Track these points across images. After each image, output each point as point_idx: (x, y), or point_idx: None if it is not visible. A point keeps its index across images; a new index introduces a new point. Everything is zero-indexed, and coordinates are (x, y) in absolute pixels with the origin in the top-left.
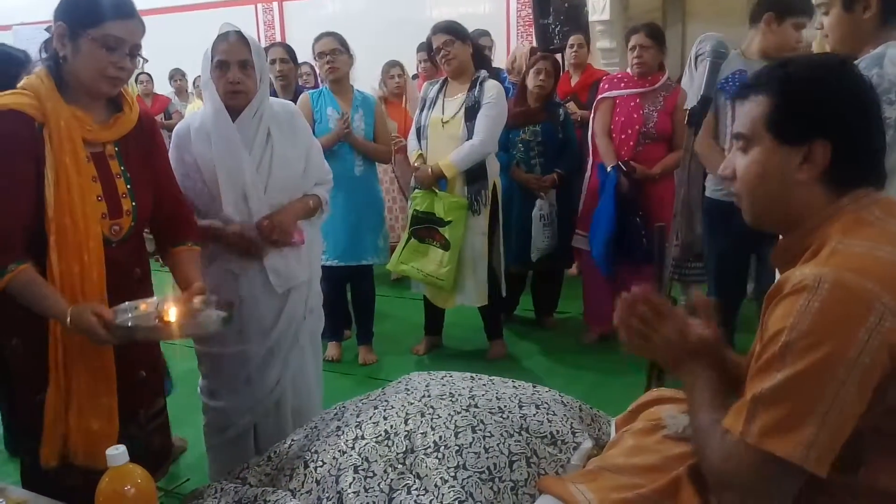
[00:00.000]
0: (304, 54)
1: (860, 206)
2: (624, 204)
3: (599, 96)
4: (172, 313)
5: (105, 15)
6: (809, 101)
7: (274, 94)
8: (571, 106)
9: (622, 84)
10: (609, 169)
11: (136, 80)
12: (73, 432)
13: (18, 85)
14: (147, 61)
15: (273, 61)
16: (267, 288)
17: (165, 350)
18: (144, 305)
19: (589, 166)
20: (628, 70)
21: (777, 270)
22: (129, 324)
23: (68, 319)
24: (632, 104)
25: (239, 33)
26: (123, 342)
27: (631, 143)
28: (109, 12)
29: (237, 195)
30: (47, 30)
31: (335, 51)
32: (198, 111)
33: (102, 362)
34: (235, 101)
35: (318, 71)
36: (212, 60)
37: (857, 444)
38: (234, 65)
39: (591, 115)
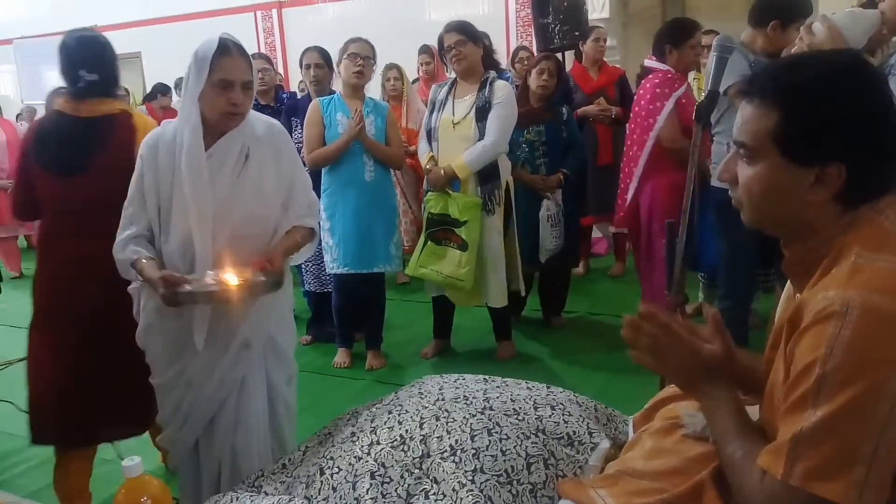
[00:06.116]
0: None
1: (877, 211)
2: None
3: (670, 102)
4: (231, 278)
5: None
6: (823, 120)
7: (308, 97)
8: (601, 102)
9: (677, 82)
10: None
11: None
12: None
13: None
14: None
15: (308, 66)
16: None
17: None
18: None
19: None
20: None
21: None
22: (188, 288)
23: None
24: (684, 100)
25: (240, 48)
26: (187, 304)
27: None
28: None
29: (185, 231)
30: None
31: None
32: (171, 122)
33: None
34: (233, 123)
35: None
36: (209, 74)
37: None
38: (238, 85)
39: (651, 121)
